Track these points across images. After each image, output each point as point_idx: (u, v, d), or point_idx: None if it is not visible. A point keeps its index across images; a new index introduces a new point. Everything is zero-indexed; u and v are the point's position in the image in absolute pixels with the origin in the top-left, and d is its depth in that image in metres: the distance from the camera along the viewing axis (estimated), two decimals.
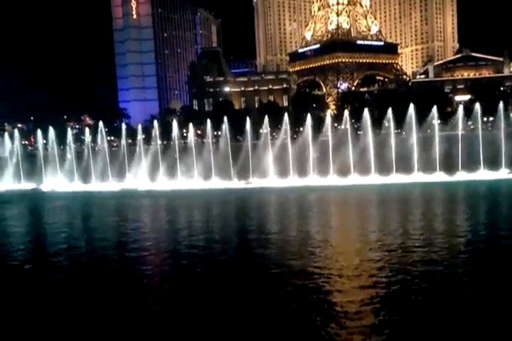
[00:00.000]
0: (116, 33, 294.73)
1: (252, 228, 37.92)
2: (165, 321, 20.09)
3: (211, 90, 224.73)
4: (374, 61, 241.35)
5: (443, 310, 19.10)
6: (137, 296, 23.43)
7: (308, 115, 75.71)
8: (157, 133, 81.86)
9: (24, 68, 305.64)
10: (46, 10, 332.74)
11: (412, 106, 69.86)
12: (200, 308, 20.47)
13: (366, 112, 73.04)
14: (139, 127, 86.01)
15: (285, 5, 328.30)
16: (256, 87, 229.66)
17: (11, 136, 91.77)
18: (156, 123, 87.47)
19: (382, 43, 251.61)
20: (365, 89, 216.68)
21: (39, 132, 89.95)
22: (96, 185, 76.32)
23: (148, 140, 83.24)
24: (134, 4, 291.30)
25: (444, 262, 25.21)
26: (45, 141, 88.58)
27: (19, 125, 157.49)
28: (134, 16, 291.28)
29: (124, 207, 58.69)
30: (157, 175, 76.08)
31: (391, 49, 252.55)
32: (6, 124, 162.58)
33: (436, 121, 70.41)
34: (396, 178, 65.13)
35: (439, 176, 64.81)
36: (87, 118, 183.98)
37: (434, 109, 70.03)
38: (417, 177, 65.11)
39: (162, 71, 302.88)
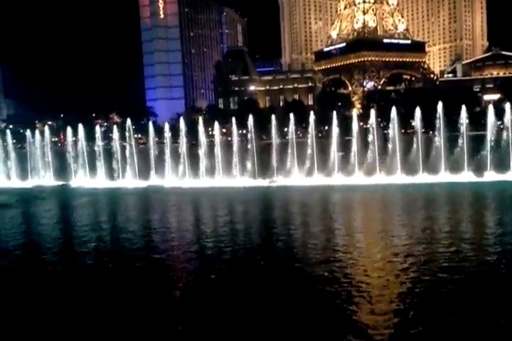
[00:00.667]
0: (144, 33, 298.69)
1: (275, 229, 38.19)
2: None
3: (236, 89, 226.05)
4: (401, 60, 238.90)
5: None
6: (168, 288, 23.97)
7: (334, 113, 75.38)
8: (183, 131, 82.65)
9: (55, 68, 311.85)
10: (76, 10, 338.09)
11: (440, 105, 69.00)
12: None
13: (394, 111, 72.37)
14: (166, 125, 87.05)
15: (311, 4, 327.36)
16: (281, 86, 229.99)
17: (42, 133, 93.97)
18: (182, 121, 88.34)
19: (409, 42, 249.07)
20: (391, 87, 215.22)
21: (68, 129, 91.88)
22: (123, 182, 77.57)
23: (174, 138, 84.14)
24: (161, 4, 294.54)
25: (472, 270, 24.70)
26: (74, 138, 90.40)
27: (49, 122, 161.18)
28: (161, 16, 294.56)
29: (151, 203, 59.71)
30: (182, 173, 76.91)
31: (418, 47, 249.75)
32: (36, 122, 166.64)
33: (464, 121, 69.46)
34: (423, 178, 64.50)
35: (467, 176, 63.96)
36: (115, 116, 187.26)
37: (463, 108, 69.04)
38: (445, 177, 64.34)
39: (188, 70, 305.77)
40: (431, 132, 75.19)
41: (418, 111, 72.03)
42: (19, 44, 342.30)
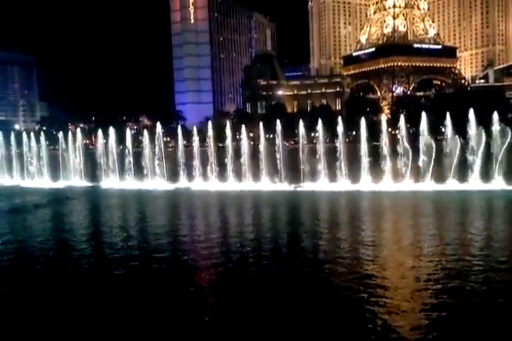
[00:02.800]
0: (175, 37, 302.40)
1: (300, 233, 38.28)
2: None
3: (264, 93, 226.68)
4: (431, 65, 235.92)
5: None
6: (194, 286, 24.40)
7: (362, 119, 75.07)
8: (211, 135, 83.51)
9: (88, 71, 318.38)
10: (109, 16, 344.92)
11: (471, 111, 68.02)
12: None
13: (424, 117, 71.65)
14: (194, 129, 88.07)
15: (340, 8, 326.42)
16: (309, 91, 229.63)
17: (74, 136, 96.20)
18: (210, 125, 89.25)
19: (440, 47, 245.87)
20: (421, 93, 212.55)
21: (99, 132, 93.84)
22: (151, 184, 78.76)
23: (202, 141, 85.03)
24: (191, 9, 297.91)
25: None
26: (104, 141, 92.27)
27: (81, 125, 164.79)
28: (192, 21, 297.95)
29: (180, 205, 60.64)
30: (210, 176, 77.72)
31: (449, 52, 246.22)
32: (69, 124, 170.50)
33: (496, 127, 68.26)
34: (453, 185, 63.59)
35: (498, 184, 62.85)
36: (145, 119, 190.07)
37: (495, 115, 67.94)
38: (475, 184, 63.31)
39: (217, 74, 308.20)
40: (462, 138, 74.09)
41: (448, 117, 71.14)
42: (56, 48, 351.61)
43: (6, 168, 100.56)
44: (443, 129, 77.74)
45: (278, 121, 79.03)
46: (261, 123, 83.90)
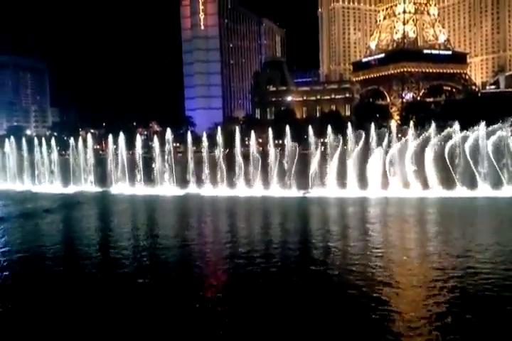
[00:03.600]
0: (185, 44, 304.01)
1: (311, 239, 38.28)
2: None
3: (273, 99, 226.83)
4: (441, 71, 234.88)
5: None
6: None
7: (372, 125, 75.14)
8: (220, 141, 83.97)
9: (98, 77, 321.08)
10: (119, 23, 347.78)
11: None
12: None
13: (433, 123, 71.59)
14: (204, 135, 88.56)
15: (350, 14, 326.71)
16: (318, 97, 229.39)
17: (85, 141, 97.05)
18: (219, 131, 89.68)
19: (450, 52, 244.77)
20: (431, 99, 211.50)
21: (110, 138, 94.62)
22: (161, 189, 79.19)
23: (212, 147, 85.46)
24: (202, 15, 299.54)
25: None
26: (115, 146, 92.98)
27: (92, 130, 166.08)
28: (202, 27, 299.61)
29: (190, 210, 60.94)
30: (219, 182, 78.06)
31: (459, 58, 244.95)
32: (80, 129, 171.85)
33: (507, 134, 67.94)
34: (460, 192, 63.33)
35: (507, 191, 62.53)
36: (155, 125, 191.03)
37: (508, 121, 67.71)
38: (483, 191, 62.99)
39: (227, 80, 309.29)
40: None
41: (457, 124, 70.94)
42: (67, 55, 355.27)
43: (17, 173, 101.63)
44: (453, 135, 77.38)
45: (287, 127, 79.30)
46: (270, 129, 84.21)
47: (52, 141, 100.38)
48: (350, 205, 58.70)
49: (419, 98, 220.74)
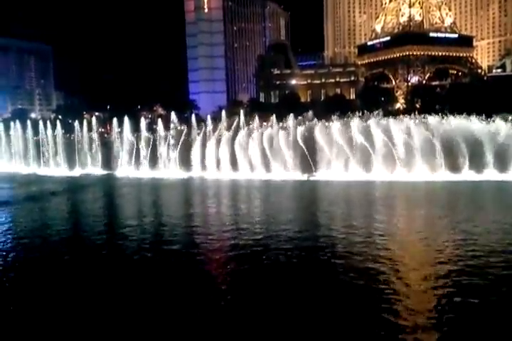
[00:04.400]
0: (189, 27, 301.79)
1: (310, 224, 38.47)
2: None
3: (278, 83, 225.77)
4: (447, 54, 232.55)
5: None
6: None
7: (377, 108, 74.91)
8: (224, 124, 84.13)
9: (102, 60, 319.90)
10: (123, 6, 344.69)
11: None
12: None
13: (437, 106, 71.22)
14: (208, 118, 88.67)
15: None
16: (323, 80, 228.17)
17: (89, 124, 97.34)
18: (223, 114, 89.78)
19: (456, 36, 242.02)
20: (436, 82, 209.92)
21: (114, 121, 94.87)
22: (166, 173, 79.63)
23: (215, 131, 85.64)
24: None
25: None
26: (119, 129, 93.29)
27: (96, 113, 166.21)
28: (206, 10, 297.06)
29: (195, 193, 61.43)
30: (223, 165, 78.43)
31: (466, 41, 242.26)
32: (84, 113, 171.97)
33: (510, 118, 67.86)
34: (467, 175, 63.35)
35: None
36: (159, 109, 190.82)
37: None
38: (491, 175, 62.94)
39: (231, 64, 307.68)
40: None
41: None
42: (71, 38, 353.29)
43: (22, 156, 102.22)
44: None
45: (291, 110, 79.34)
46: (274, 113, 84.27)
47: (58, 124, 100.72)
48: (354, 188, 59.01)
49: (424, 81, 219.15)
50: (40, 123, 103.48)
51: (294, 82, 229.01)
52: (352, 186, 60.31)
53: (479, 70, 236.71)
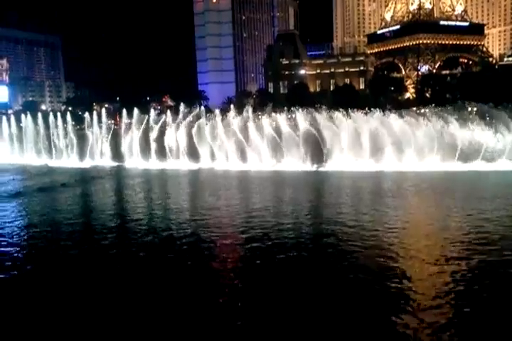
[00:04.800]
0: (197, 17, 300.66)
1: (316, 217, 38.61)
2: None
3: (286, 73, 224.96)
4: (458, 42, 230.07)
5: None
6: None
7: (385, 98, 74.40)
8: (232, 115, 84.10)
9: (112, 51, 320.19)
10: None
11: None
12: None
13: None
14: (216, 111, 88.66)
15: None
16: (332, 70, 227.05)
17: (99, 116, 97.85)
18: (232, 105, 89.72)
19: (467, 24, 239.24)
20: (447, 71, 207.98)
21: (124, 112, 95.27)
22: (175, 164, 80.00)
23: (224, 122, 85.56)
24: None
25: None
26: (129, 121, 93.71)
27: (106, 105, 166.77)
28: (214, 0, 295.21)
29: (206, 184, 61.87)
30: (231, 156, 78.57)
31: (477, 30, 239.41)
32: (94, 104, 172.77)
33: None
34: (479, 166, 63.02)
35: None
36: (168, 100, 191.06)
37: None
38: (502, 165, 62.58)
39: (239, 54, 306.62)
40: (488, 118, 73.22)
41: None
42: (80, 30, 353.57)
43: (33, 147, 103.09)
44: (468, 108, 76.92)
45: (300, 100, 79.15)
46: (283, 103, 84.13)
47: (68, 116, 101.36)
48: (364, 179, 59.04)
49: (434, 70, 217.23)
50: (51, 115, 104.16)
51: (302, 72, 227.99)
52: (364, 177, 60.20)
53: (490, 59, 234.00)
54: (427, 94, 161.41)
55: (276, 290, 21.11)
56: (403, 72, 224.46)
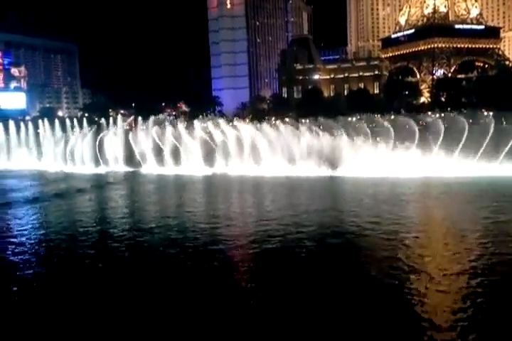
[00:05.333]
0: (211, 23, 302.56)
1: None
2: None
3: (300, 78, 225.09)
4: (473, 46, 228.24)
5: None
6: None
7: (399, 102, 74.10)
8: (247, 120, 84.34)
9: (127, 58, 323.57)
10: (146, 3, 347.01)
11: None
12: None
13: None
14: (234, 118, 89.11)
15: None
16: (346, 74, 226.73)
17: (115, 122, 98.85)
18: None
19: (482, 27, 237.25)
20: (462, 75, 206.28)
21: (139, 118, 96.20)
22: (189, 169, 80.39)
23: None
24: None
25: None
26: (144, 127, 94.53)
27: (122, 111, 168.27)
28: (228, 5, 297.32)
29: (222, 189, 62.13)
30: (246, 161, 78.71)
31: (492, 33, 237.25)
32: (110, 110, 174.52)
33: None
34: (489, 171, 62.29)
35: None
36: (183, 106, 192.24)
37: None
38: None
39: (253, 59, 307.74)
40: (504, 122, 72.57)
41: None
42: (97, 37, 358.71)
43: (51, 154, 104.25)
44: (485, 113, 76.28)
45: (314, 105, 79.15)
46: (296, 108, 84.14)
47: (84, 122, 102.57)
48: (377, 184, 58.73)
49: (450, 74, 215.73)
50: (67, 121, 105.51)
51: (316, 76, 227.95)
52: (380, 183, 59.86)
53: (507, 62, 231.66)
54: (443, 99, 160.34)
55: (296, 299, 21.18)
56: (418, 77, 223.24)
